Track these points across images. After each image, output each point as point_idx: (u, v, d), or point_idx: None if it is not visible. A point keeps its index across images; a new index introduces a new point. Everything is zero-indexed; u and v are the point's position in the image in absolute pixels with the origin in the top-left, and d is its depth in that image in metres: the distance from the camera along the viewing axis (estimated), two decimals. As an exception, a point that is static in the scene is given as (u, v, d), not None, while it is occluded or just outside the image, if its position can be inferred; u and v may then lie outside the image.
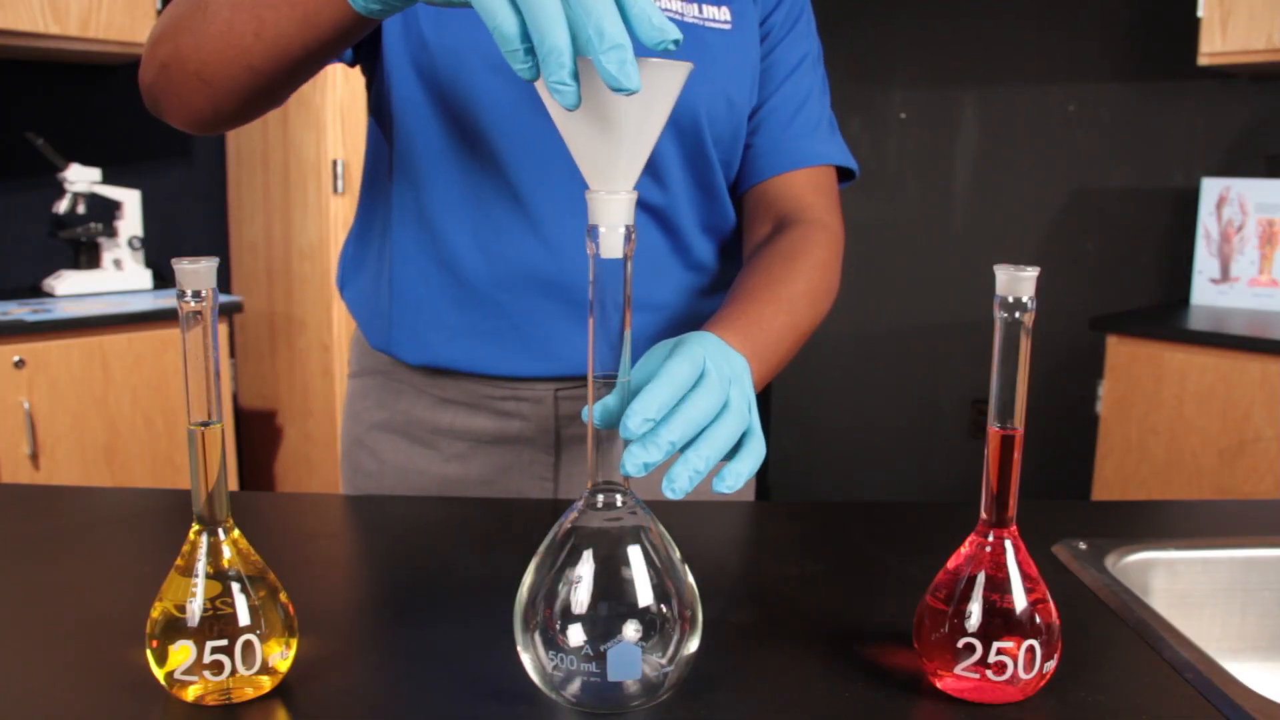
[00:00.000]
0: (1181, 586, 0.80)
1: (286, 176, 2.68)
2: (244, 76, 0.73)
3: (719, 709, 0.57)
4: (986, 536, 0.57)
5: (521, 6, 0.50)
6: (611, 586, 0.54)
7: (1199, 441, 2.15)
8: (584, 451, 0.92)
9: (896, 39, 3.05)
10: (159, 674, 0.55)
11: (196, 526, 0.55)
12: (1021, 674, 0.56)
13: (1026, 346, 0.55)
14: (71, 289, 2.46)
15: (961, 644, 0.56)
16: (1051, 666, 0.57)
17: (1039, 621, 0.56)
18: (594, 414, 0.55)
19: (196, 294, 0.52)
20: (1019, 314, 0.54)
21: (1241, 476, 2.10)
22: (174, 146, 2.85)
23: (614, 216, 0.53)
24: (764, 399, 3.27)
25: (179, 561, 0.55)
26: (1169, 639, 0.65)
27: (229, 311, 2.65)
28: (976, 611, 0.56)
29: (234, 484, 2.62)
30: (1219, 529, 0.87)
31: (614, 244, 0.53)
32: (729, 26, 0.91)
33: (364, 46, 0.91)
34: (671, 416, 0.57)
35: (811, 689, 0.59)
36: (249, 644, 0.54)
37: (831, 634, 0.66)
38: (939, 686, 0.58)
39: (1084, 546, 0.80)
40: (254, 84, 0.73)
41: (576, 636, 0.53)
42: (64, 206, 2.44)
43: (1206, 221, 2.44)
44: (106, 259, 2.54)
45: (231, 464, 2.54)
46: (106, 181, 2.54)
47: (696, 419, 0.58)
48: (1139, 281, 2.83)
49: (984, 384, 1.57)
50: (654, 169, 0.90)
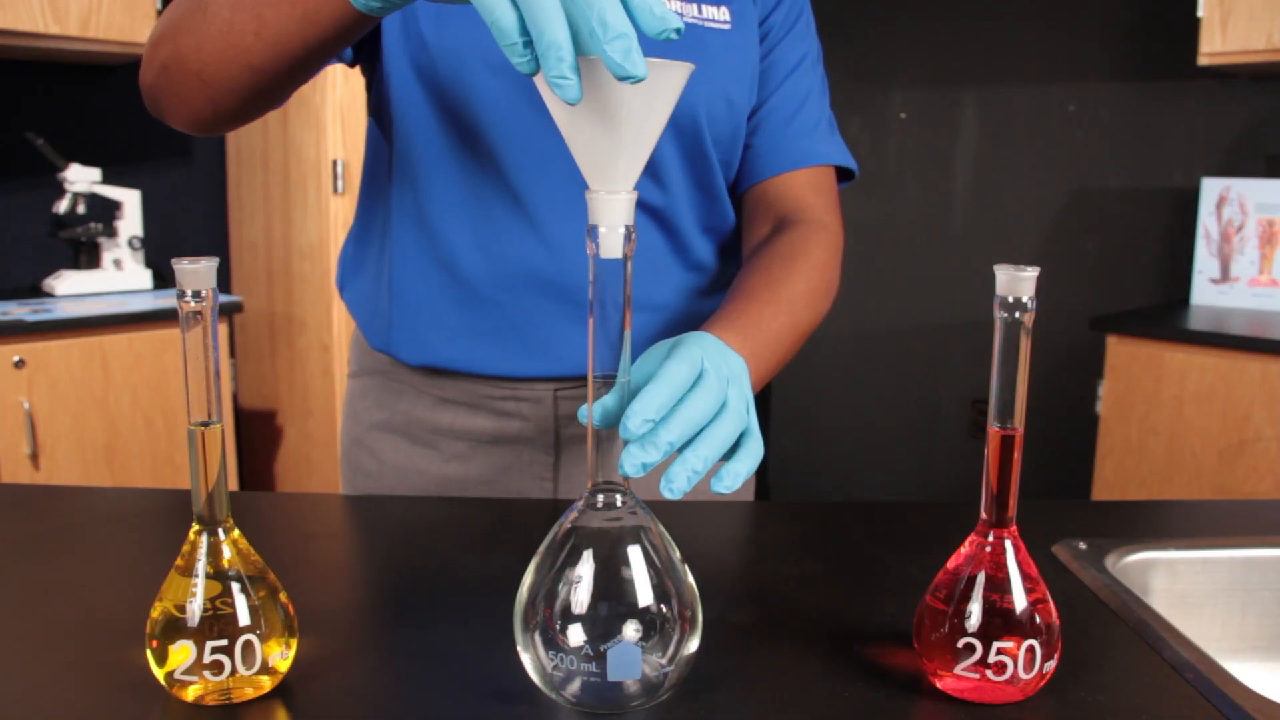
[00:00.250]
0: (1181, 586, 0.80)
1: (286, 176, 2.68)
2: (244, 76, 0.73)
3: (719, 709, 0.57)
4: (986, 536, 0.57)
5: (519, 1, 0.50)
6: (611, 586, 0.54)
7: (1199, 441, 2.15)
8: (584, 451, 0.92)
9: (896, 39, 3.05)
10: (159, 674, 0.55)
11: (196, 526, 0.55)
12: (1021, 674, 0.56)
13: (1026, 346, 0.55)
14: (71, 289, 2.46)
15: (961, 644, 0.56)
16: (1051, 666, 0.57)
17: (1039, 621, 0.56)
18: (593, 414, 0.55)
19: (196, 294, 0.52)
20: (1019, 314, 0.54)
21: (1241, 476, 2.10)
22: (174, 146, 2.85)
23: (614, 216, 0.53)
24: (764, 399, 3.27)
25: (179, 561, 0.55)
26: (1169, 639, 0.65)
27: (229, 311, 2.65)
28: (976, 611, 0.56)
29: (234, 484, 2.62)
30: (1219, 529, 0.87)
31: (614, 244, 0.53)
32: (728, 26, 0.91)
33: (364, 47, 0.91)
34: (670, 417, 0.57)
35: (811, 689, 0.59)
36: (249, 644, 0.54)
37: (831, 634, 0.66)
38: (939, 686, 0.58)
39: (1084, 546, 0.80)
40: (255, 83, 0.73)
41: (576, 636, 0.53)
42: (64, 206, 2.44)
43: (1206, 221, 2.44)
44: (106, 259, 2.54)
45: (231, 464, 2.54)
46: (106, 181, 2.54)
47: (695, 419, 0.58)
48: (1139, 281, 2.83)
49: (984, 384, 1.57)
50: (653, 169, 0.90)
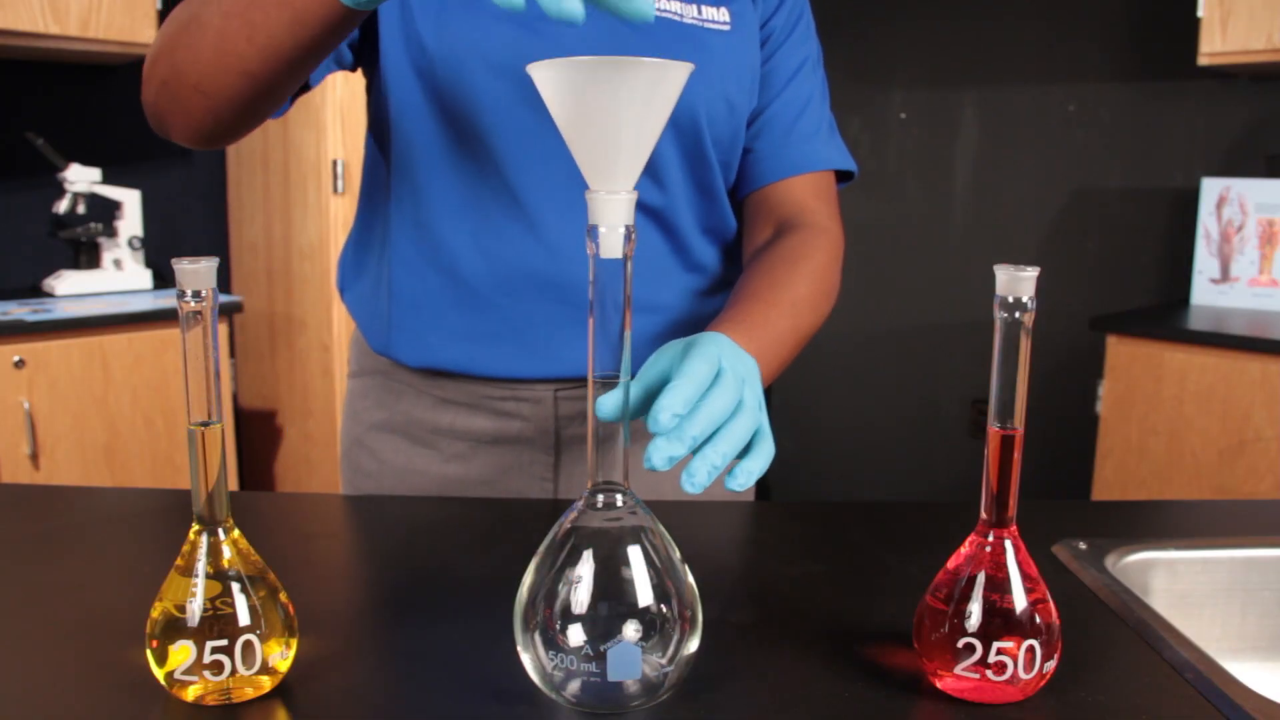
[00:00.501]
0: (1181, 586, 0.80)
1: (286, 176, 2.68)
2: (241, 84, 0.73)
3: (719, 709, 0.57)
4: (986, 536, 0.57)
5: None
6: (611, 586, 0.54)
7: (1199, 441, 2.15)
8: (584, 452, 0.92)
9: (896, 39, 3.05)
10: (159, 674, 0.55)
11: (196, 526, 0.55)
12: (1021, 674, 0.56)
13: (1026, 346, 0.55)
14: (71, 289, 2.45)
15: (961, 644, 0.56)
16: (1051, 666, 0.57)
17: (1039, 621, 0.56)
18: (603, 407, 0.56)
19: (196, 294, 0.53)
20: (1019, 314, 0.54)
21: (1241, 476, 2.10)
22: (174, 147, 2.84)
23: (614, 216, 0.53)
24: (764, 398, 3.26)
25: (179, 561, 0.55)
26: (1169, 639, 0.65)
27: (229, 311, 2.65)
28: (976, 611, 0.56)
29: (234, 484, 2.62)
30: (1219, 529, 0.87)
31: (614, 244, 0.53)
32: (728, 28, 0.91)
33: (364, 52, 0.91)
34: (694, 412, 0.59)
35: (811, 689, 0.59)
36: (249, 644, 0.54)
37: (831, 634, 0.66)
38: (939, 686, 0.58)
39: (1084, 546, 0.80)
40: (251, 90, 0.74)
41: (576, 636, 0.53)
42: (64, 206, 2.44)
43: (1206, 221, 2.44)
44: (106, 259, 2.54)
45: (231, 464, 2.54)
46: (106, 181, 2.54)
47: (715, 416, 0.60)
48: (1139, 281, 2.83)
49: (984, 384, 1.56)
50: (653, 169, 0.90)
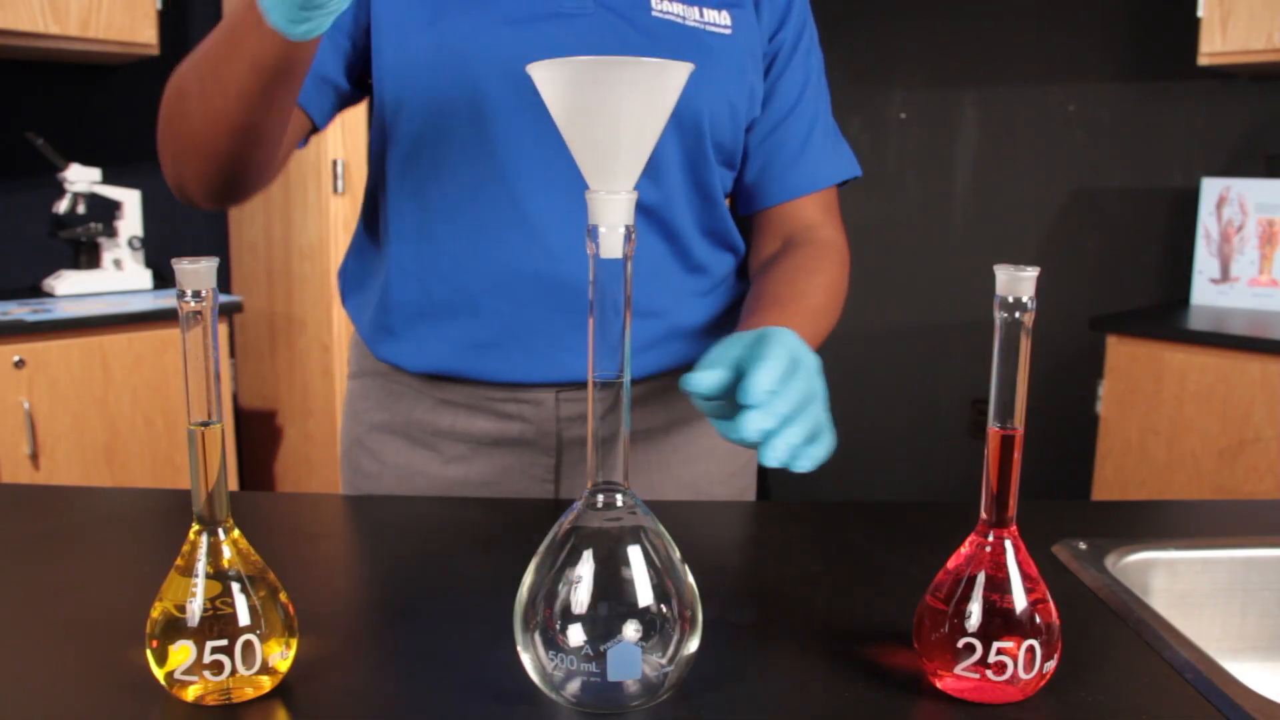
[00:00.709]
0: (1181, 586, 0.80)
1: (286, 176, 2.68)
2: (233, 137, 0.77)
3: (719, 709, 0.57)
4: (986, 536, 0.57)
5: None
6: (611, 586, 0.54)
7: (1199, 441, 2.15)
8: (585, 453, 0.92)
9: (896, 39, 3.04)
10: (159, 674, 0.55)
11: (196, 526, 0.55)
12: (1021, 674, 0.56)
13: (1026, 346, 0.55)
14: (71, 289, 2.45)
15: (961, 644, 0.56)
16: (1051, 666, 0.57)
17: (1039, 621, 0.56)
18: (701, 383, 0.63)
19: (196, 294, 0.53)
20: (1019, 314, 0.54)
21: (1241, 476, 2.10)
22: (174, 146, 2.84)
23: (614, 216, 0.53)
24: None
25: (179, 561, 0.55)
26: (1169, 639, 0.65)
27: (229, 311, 2.65)
28: (976, 611, 0.56)
29: (234, 484, 2.62)
30: (1219, 529, 0.87)
31: (614, 244, 0.53)
32: (729, 31, 0.91)
33: (363, 60, 0.91)
34: (783, 392, 0.63)
35: (811, 689, 0.59)
36: (249, 644, 0.54)
37: (831, 634, 0.66)
38: (939, 686, 0.58)
39: (1084, 546, 0.80)
40: (243, 140, 0.77)
41: (576, 636, 0.53)
42: (64, 206, 2.44)
43: (1206, 221, 2.44)
44: (106, 259, 2.54)
45: (231, 464, 2.54)
46: (106, 181, 2.54)
47: (799, 398, 0.64)
48: (1139, 281, 2.83)
49: (984, 384, 1.56)
50: (650, 169, 0.90)
